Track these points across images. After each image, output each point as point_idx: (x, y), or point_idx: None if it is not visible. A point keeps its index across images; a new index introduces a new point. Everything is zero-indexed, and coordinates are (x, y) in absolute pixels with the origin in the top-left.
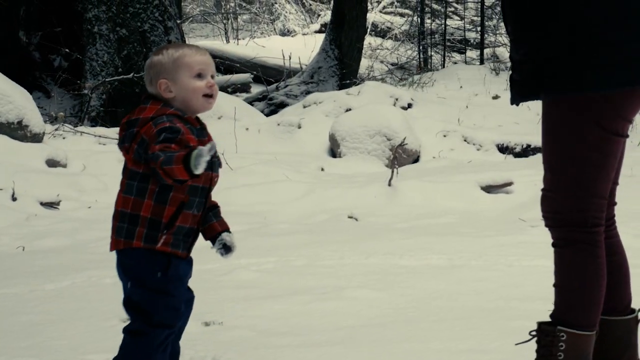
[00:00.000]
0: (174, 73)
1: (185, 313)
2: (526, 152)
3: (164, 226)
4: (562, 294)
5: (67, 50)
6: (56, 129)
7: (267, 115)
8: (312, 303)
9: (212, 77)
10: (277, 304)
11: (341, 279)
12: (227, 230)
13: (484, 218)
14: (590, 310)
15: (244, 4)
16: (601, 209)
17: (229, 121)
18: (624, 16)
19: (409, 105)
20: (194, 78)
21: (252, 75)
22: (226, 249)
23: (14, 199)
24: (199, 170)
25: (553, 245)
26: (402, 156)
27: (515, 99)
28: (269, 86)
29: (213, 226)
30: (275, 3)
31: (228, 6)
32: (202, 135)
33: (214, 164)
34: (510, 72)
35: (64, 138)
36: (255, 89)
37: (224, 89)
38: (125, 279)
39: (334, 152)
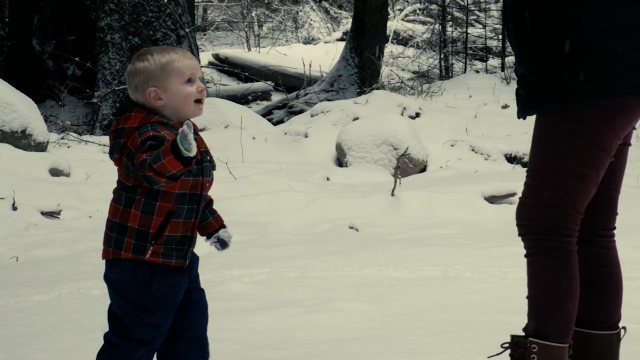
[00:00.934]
0: (164, 80)
1: (198, 314)
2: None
3: (151, 237)
4: (534, 304)
5: (78, 59)
6: (62, 138)
7: None
8: (300, 316)
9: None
10: (265, 317)
11: (332, 290)
12: (223, 225)
13: (485, 229)
14: (563, 321)
15: (267, 13)
16: (576, 222)
17: (236, 130)
18: (622, 26)
19: (417, 115)
20: (185, 84)
21: (272, 84)
22: (222, 243)
23: (14, 208)
24: (192, 150)
25: (525, 255)
26: (408, 166)
27: (521, 113)
28: (289, 94)
29: (209, 224)
30: (300, 11)
31: (252, 15)
32: None
33: (205, 168)
34: (517, 86)
35: (68, 147)
36: (276, 97)
37: (244, 96)
38: (109, 289)
39: (340, 162)
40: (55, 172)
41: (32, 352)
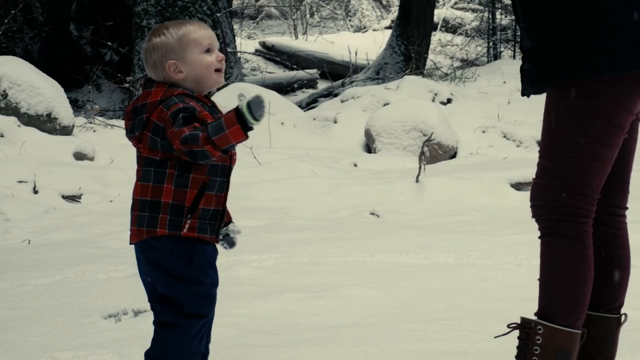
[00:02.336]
0: (183, 52)
1: None
2: None
3: (187, 210)
4: (545, 286)
5: (115, 44)
6: (90, 122)
7: None
8: (304, 301)
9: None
10: (268, 302)
11: (340, 276)
12: (231, 221)
13: (507, 216)
14: (572, 304)
15: (319, 1)
16: (592, 202)
17: (265, 115)
18: None
19: (449, 101)
20: (205, 54)
21: (318, 72)
22: (229, 243)
23: (35, 191)
24: (263, 117)
25: (540, 237)
26: (438, 152)
27: (527, 90)
28: (334, 82)
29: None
30: None
31: (305, 3)
32: (214, 112)
33: None
34: (522, 62)
35: (94, 131)
36: (322, 86)
37: (290, 84)
38: (150, 271)
39: (369, 148)
40: (79, 156)
41: (26, 335)
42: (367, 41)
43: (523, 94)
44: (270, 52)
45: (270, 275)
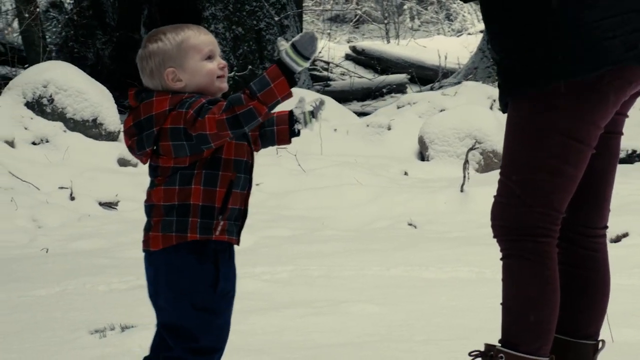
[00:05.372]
0: (182, 59)
1: None
2: (631, 158)
3: (218, 211)
4: (506, 310)
5: None
6: None
7: None
8: (304, 317)
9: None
10: (266, 318)
11: (350, 291)
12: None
13: None
14: (535, 330)
15: (417, 6)
16: (553, 221)
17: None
18: None
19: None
20: (205, 61)
21: (408, 76)
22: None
23: (72, 198)
24: (314, 54)
25: (501, 258)
26: (492, 160)
27: (500, 104)
28: (423, 87)
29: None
30: (454, 3)
31: (404, 8)
32: None
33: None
34: None
35: None
36: (411, 90)
37: (378, 89)
38: (166, 292)
39: (422, 155)
40: (123, 162)
41: (2, 351)
42: (460, 45)
43: (501, 110)
44: (360, 56)
45: (277, 289)
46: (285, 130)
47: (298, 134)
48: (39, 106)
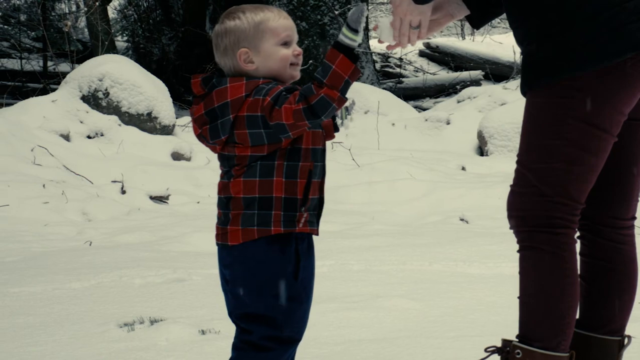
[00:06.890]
0: (257, 40)
1: None
2: None
3: (300, 203)
4: (523, 305)
5: None
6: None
7: None
8: (337, 312)
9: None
10: None
11: (388, 286)
12: None
13: None
14: (553, 326)
15: None
16: (571, 212)
17: (376, 116)
18: None
19: None
20: (281, 46)
21: (482, 73)
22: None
23: (123, 192)
24: (362, 24)
25: (517, 250)
26: None
27: (522, 92)
28: (497, 83)
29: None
30: None
31: None
32: None
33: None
34: None
35: None
36: (485, 86)
37: (452, 86)
38: (249, 283)
39: (481, 150)
40: (176, 156)
41: (29, 344)
42: None
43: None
44: (434, 53)
45: (315, 283)
46: (330, 124)
47: (337, 129)
48: (94, 100)
